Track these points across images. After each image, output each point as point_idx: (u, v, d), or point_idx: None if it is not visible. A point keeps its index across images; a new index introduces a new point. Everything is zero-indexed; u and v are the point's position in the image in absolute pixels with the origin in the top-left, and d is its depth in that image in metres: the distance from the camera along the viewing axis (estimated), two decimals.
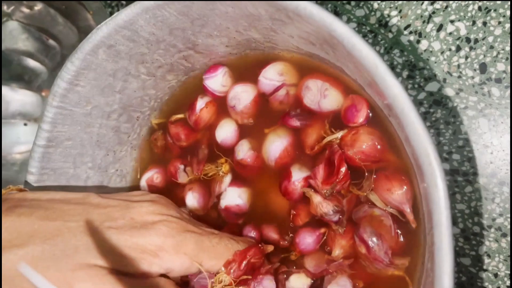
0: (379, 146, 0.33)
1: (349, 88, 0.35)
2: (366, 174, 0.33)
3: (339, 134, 0.34)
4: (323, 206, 0.34)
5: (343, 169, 0.32)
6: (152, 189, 0.43)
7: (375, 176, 0.33)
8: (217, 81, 0.40)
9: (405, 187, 0.32)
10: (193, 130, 0.42)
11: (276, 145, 0.37)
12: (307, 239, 0.36)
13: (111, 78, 0.38)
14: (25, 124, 0.62)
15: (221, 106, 0.41)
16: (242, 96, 0.39)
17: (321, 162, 0.34)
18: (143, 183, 0.44)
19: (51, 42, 0.65)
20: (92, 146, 0.40)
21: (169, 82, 0.42)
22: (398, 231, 0.33)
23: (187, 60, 0.39)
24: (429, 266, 0.29)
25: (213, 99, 0.41)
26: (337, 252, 0.35)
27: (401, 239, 0.33)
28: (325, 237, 0.36)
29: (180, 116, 0.43)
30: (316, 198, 0.34)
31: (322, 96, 0.35)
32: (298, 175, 0.36)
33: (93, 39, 0.34)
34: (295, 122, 0.37)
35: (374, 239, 0.32)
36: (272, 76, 0.38)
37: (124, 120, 0.42)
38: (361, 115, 0.34)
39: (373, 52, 0.25)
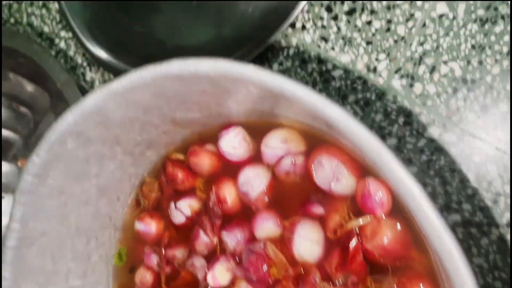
0: (402, 241, 0.28)
1: (366, 170, 0.31)
2: (389, 271, 0.29)
3: (361, 222, 0.30)
4: None
5: (358, 259, 0.29)
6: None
7: (396, 277, 0.29)
8: (227, 141, 0.35)
9: None
10: (192, 173, 0.38)
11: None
12: None
13: (84, 164, 0.34)
14: (3, 198, 0.58)
15: (227, 170, 0.36)
16: (255, 181, 0.34)
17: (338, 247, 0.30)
18: None
19: (23, 109, 0.61)
20: (71, 237, 0.36)
21: (148, 157, 0.38)
22: None
23: (167, 135, 0.36)
24: None
25: (221, 159, 0.37)
26: None
27: None
28: None
29: (180, 156, 0.38)
30: None
31: (335, 178, 0.31)
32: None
33: (58, 128, 0.31)
34: (319, 210, 0.32)
35: None
36: (275, 144, 0.34)
37: (104, 204, 0.38)
38: (384, 206, 0.29)
39: (373, 136, 0.22)
